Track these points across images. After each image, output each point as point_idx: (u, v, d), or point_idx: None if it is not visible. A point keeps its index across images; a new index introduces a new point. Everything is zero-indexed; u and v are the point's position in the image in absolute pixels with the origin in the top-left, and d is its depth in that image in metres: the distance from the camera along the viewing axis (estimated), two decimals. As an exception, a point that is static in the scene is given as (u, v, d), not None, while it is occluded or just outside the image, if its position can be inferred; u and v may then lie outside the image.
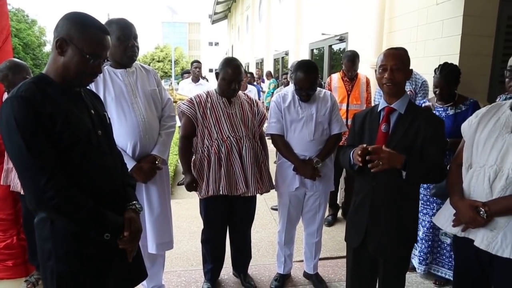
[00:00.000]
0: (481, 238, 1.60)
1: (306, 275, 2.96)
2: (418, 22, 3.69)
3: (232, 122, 2.47)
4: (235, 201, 2.55)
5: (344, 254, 3.32)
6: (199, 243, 2.81)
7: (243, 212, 2.66)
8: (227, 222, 2.68)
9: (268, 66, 12.62)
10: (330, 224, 4.07)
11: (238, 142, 2.46)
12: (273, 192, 2.73)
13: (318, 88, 2.62)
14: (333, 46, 6.55)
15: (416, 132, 1.79)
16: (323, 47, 6.93)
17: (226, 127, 2.45)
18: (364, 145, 1.78)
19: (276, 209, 4.36)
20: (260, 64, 14.54)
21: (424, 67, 3.42)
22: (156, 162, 2.22)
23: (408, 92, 3.20)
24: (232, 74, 2.41)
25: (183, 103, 2.53)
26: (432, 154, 1.78)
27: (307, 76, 2.44)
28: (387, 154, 1.72)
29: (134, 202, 1.54)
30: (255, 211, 2.74)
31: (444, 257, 2.85)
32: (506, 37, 3.30)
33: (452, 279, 2.79)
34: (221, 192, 2.43)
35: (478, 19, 3.16)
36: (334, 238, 3.74)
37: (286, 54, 10.14)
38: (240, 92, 2.61)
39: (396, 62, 1.79)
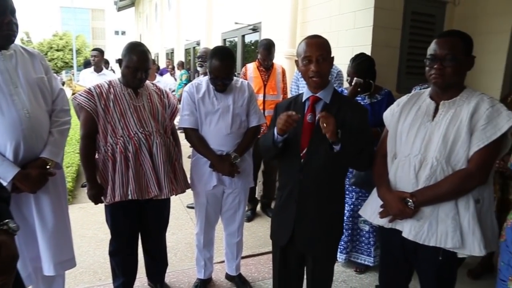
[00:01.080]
0: (408, 229, 1.58)
1: (228, 277, 2.78)
2: (331, 13, 3.71)
3: (140, 116, 2.16)
4: (147, 204, 2.26)
5: (266, 250, 3.28)
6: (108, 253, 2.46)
7: (156, 216, 2.37)
8: (139, 229, 2.37)
9: (179, 57, 12.14)
10: (250, 219, 3.95)
11: (147, 138, 2.15)
12: (188, 190, 2.49)
13: (235, 78, 2.43)
14: (246, 37, 6.44)
15: (342, 122, 1.70)
16: (236, 37, 6.78)
17: (133, 121, 2.13)
18: (293, 113, 1.62)
19: (192, 207, 4.12)
20: (170, 55, 13.95)
21: (338, 58, 3.41)
22: (48, 166, 1.84)
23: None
24: (138, 61, 2.10)
25: (80, 94, 2.13)
26: (361, 142, 1.70)
27: (223, 64, 2.23)
28: (332, 119, 1.59)
29: (6, 221, 1.18)
30: (169, 213, 2.47)
31: (363, 244, 2.90)
32: (411, 31, 3.47)
33: (371, 265, 2.86)
34: (130, 197, 2.11)
35: (388, 12, 3.25)
36: (255, 234, 3.62)
37: (198, 44, 9.80)
38: (148, 82, 2.30)
39: (322, 52, 1.67)
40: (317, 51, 1.66)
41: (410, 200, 1.54)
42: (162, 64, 13.30)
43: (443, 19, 3.63)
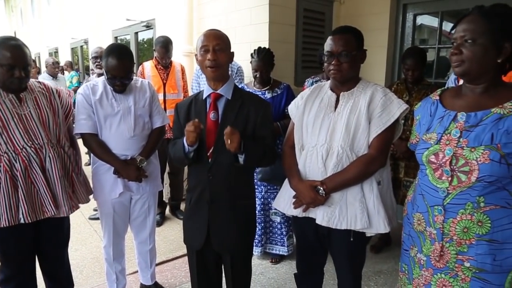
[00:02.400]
0: (321, 216, 1.65)
1: (143, 287, 2.63)
2: (228, 9, 3.71)
3: (27, 126, 1.86)
4: (43, 224, 1.98)
5: (180, 253, 3.18)
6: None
7: (54, 235, 2.09)
8: (35, 250, 2.08)
9: (65, 57, 11.06)
10: (160, 224, 3.80)
11: (38, 152, 1.87)
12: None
13: (134, 77, 2.28)
14: (140, 34, 6.13)
15: (246, 117, 1.71)
16: (128, 35, 6.41)
17: (19, 134, 1.83)
18: (197, 121, 1.60)
19: (95, 219, 3.80)
20: (54, 54, 12.64)
21: (237, 54, 3.42)
22: None
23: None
24: (12, 56, 1.76)
25: None
26: (265, 137, 1.73)
27: (121, 62, 2.07)
28: (237, 135, 1.57)
29: None
30: (69, 228, 2.22)
31: (276, 235, 2.98)
32: (304, 27, 3.65)
33: (285, 254, 2.96)
34: (22, 221, 1.83)
35: (282, 9, 3.38)
36: (167, 239, 3.49)
37: (86, 42, 9.05)
38: (32, 80, 1.99)
39: (219, 42, 1.65)
40: (214, 40, 1.64)
41: (321, 188, 1.61)
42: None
43: (331, 16, 3.90)
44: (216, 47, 1.64)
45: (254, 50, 2.85)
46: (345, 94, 1.68)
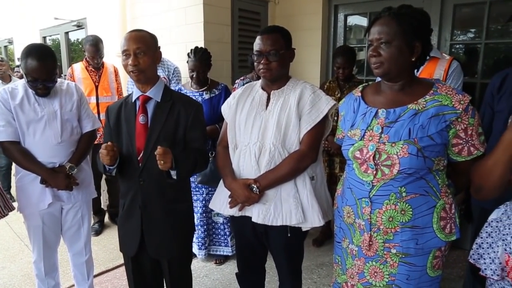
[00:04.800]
0: (257, 214, 1.66)
1: (80, 301, 2.49)
2: (162, 9, 3.62)
3: None
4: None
5: (121, 262, 3.05)
6: None
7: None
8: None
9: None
10: (98, 232, 3.62)
11: None
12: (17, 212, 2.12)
13: (59, 79, 2.15)
14: (71, 34, 5.79)
15: (176, 120, 1.68)
16: (58, 34, 6.03)
17: None
18: (110, 143, 1.56)
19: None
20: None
21: (173, 54, 3.40)
22: None
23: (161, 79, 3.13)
24: None
25: None
26: (195, 140, 1.72)
27: (42, 64, 1.92)
28: (169, 156, 1.53)
29: None
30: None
31: (219, 236, 2.97)
32: (240, 27, 3.67)
33: (230, 254, 2.95)
34: None
35: (216, 9, 3.36)
36: (106, 247, 3.34)
37: (10, 42, 8.38)
38: None
39: (139, 46, 1.59)
40: (134, 44, 1.59)
41: (255, 186, 1.62)
42: None
43: (266, 16, 3.95)
44: (137, 51, 1.59)
45: (191, 50, 2.81)
46: (276, 93, 1.71)
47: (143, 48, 1.60)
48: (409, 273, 1.36)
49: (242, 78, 3.10)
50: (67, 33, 5.78)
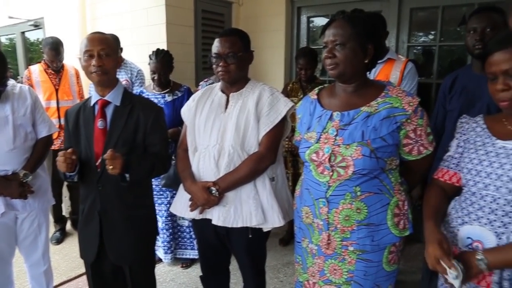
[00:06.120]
0: (217, 216, 1.67)
1: (39, 313, 2.39)
2: (123, 9, 3.55)
3: None
4: None
5: (83, 270, 2.95)
6: None
7: None
8: None
9: None
10: (60, 240, 3.50)
11: None
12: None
13: (11, 82, 2.06)
14: (27, 34, 5.56)
15: (136, 124, 1.66)
16: (14, 34, 5.78)
17: None
18: (70, 150, 1.53)
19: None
20: None
21: (135, 56, 3.35)
22: None
23: (124, 82, 3.07)
24: None
25: None
26: (155, 144, 1.70)
27: None
28: (118, 160, 1.51)
29: None
30: None
31: (185, 239, 2.94)
32: (203, 28, 3.65)
33: (196, 257, 2.93)
34: None
35: (179, 10, 3.33)
36: (68, 256, 3.23)
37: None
38: None
39: (104, 47, 1.58)
40: (99, 45, 1.57)
41: (214, 188, 1.62)
42: None
43: (230, 17, 3.96)
44: (102, 52, 1.58)
45: (153, 51, 2.79)
46: (235, 95, 1.71)
47: (107, 50, 1.59)
48: (366, 269, 1.40)
49: (206, 79, 3.08)
50: (23, 33, 5.55)
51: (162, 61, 2.71)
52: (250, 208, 1.64)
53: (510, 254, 1.12)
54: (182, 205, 1.78)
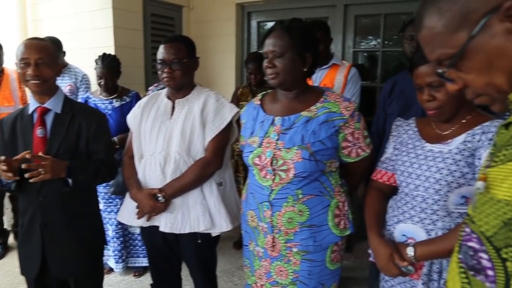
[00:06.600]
0: (164, 223, 1.66)
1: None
2: (66, 11, 3.42)
3: None
4: None
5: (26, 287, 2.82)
6: None
7: None
8: None
9: None
10: (1, 256, 3.30)
11: None
12: None
13: None
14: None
15: (78, 132, 1.62)
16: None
17: None
18: (3, 157, 1.46)
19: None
20: None
21: (81, 60, 3.23)
22: None
23: (68, 87, 2.97)
24: None
25: None
26: (99, 151, 1.67)
27: None
28: (50, 161, 1.47)
29: None
30: None
31: (137, 247, 2.88)
32: (153, 32, 3.60)
33: (148, 265, 2.88)
34: None
35: (127, 13, 3.26)
36: (10, 272, 3.05)
37: None
38: None
39: (42, 56, 1.52)
40: (36, 53, 1.51)
41: (160, 195, 1.62)
42: None
43: (181, 22, 3.93)
44: (39, 61, 1.52)
45: (99, 56, 2.71)
46: (181, 101, 1.72)
47: (46, 59, 1.53)
48: (310, 268, 1.44)
49: (156, 84, 3.04)
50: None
51: (109, 66, 2.65)
52: (197, 214, 1.65)
53: (434, 247, 1.21)
54: (129, 213, 1.76)
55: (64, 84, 2.98)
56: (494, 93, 0.65)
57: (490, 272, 0.63)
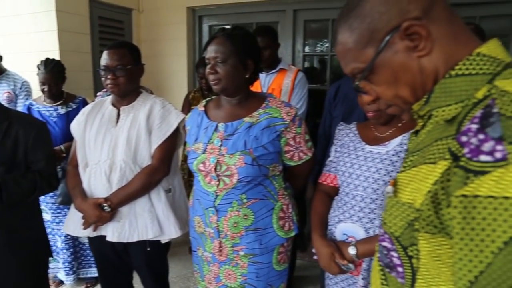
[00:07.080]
0: (111, 232, 1.64)
1: None
2: (5, 13, 3.24)
3: None
4: None
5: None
6: None
7: None
8: None
9: None
10: None
11: None
12: None
13: None
14: None
15: (15, 142, 1.56)
16: None
17: None
18: None
19: None
20: None
21: (22, 65, 3.09)
22: None
23: (6, 94, 2.83)
24: None
25: None
26: (38, 161, 1.62)
27: None
28: None
29: None
30: None
31: (88, 257, 2.80)
32: (101, 36, 3.50)
33: (100, 276, 2.80)
34: None
35: (72, 16, 3.15)
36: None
37: None
38: None
39: None
40: None
41: (106, 205, 1.59)
42: None
43: (130, 25, 3.85)
44: None
45: (41, 61, 2.59)
46: (126, 108, 1.70)
47: None
48: (257, 271, 1.48)
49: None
50: None
51: (52, 71, 2.55)
52: (145, 221, 1.64)
53: (373, 244, 1.29)
54: (74, 223, 1.71)
55: (1, 91, 2.83)
56: (401, 104, 0.71)
57: (400, 269, 0.69)
